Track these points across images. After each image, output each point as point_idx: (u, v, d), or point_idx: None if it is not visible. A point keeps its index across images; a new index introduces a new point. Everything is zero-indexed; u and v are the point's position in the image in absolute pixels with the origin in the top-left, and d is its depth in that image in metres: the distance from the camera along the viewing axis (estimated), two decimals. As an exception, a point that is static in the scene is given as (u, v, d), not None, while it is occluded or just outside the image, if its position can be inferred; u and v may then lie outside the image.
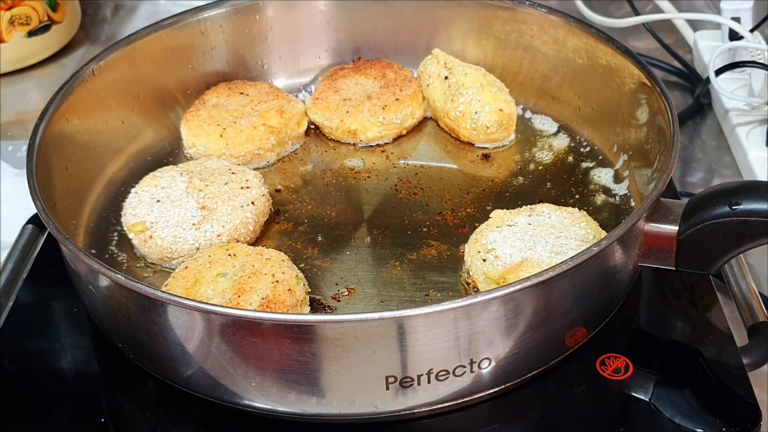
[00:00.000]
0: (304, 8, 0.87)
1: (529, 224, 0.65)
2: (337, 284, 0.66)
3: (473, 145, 0.80)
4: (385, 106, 0.80)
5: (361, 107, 0.80)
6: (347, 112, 0.80)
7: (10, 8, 0.96)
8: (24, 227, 0.76)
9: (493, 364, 0.57)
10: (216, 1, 0.84)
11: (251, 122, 0.78)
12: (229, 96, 0.81)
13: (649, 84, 0.71)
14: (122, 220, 0.70)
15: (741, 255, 0.67)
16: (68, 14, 1.03)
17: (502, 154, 0.79)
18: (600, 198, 0.73)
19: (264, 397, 0.57)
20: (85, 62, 0.76)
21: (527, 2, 0.82)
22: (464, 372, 0.56)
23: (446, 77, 0.80)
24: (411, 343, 0.54)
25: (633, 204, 0.72)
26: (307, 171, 0.79)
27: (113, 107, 0.77)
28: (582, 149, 0.78)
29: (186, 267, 0.63)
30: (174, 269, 0.66)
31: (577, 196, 0.74)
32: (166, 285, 0.63)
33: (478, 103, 0.78)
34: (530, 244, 0.63)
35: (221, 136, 0.77)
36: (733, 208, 0.58)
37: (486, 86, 0.79)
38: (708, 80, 0.85)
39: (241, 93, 0.82)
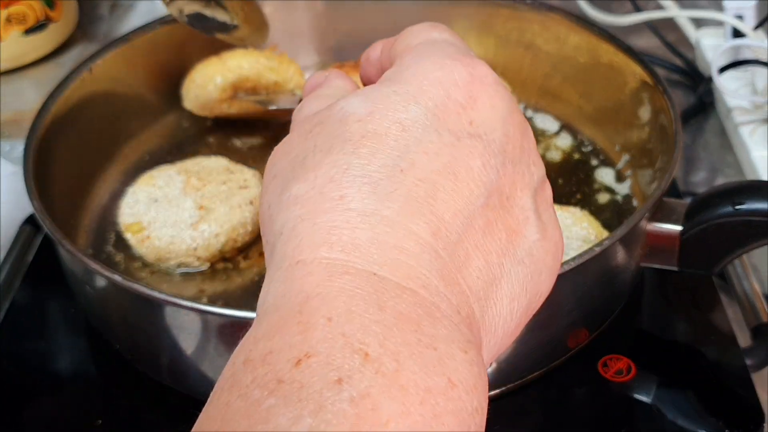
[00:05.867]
0: (304, 8, 0.86)
1: (531, 224, 0.65)
2: (336, 285, 0.66)
3: (474, 144, 0.79)
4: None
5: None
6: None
7: (6, 6, 0.95)
8: (21, 227, 0.75)
9: (494, 365, 0.56)
10: None
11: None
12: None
13: (651, 83, 0.71)
14: (118, 220, 0.69)
15: (744, 256, 0.66)
16: (65, 12, 1.02)
17: (503, 153, 0.78)
18: (602, 198, 0.73)
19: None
20: (82, 60, 0.75)
21: (528, 0, 0.81)
22: (465, 373, 0.56)
23: (447, 75, 0.80)
24: (411, 345, 0.53)
25: (635, 204, 0.72)
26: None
27: (110, 106, 0.77)
28: (584, 148, 0.78)
29: None
30: (171, 270, 0.66)
31: (578, 196, 0.73)
32: None
33: (479, 102, 0.77)
34: (531, 245, 0.63)
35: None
36: (736, 208, 0.57)
37: (487, 85, 0.78)
38: (710, 79, 0.85)
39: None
